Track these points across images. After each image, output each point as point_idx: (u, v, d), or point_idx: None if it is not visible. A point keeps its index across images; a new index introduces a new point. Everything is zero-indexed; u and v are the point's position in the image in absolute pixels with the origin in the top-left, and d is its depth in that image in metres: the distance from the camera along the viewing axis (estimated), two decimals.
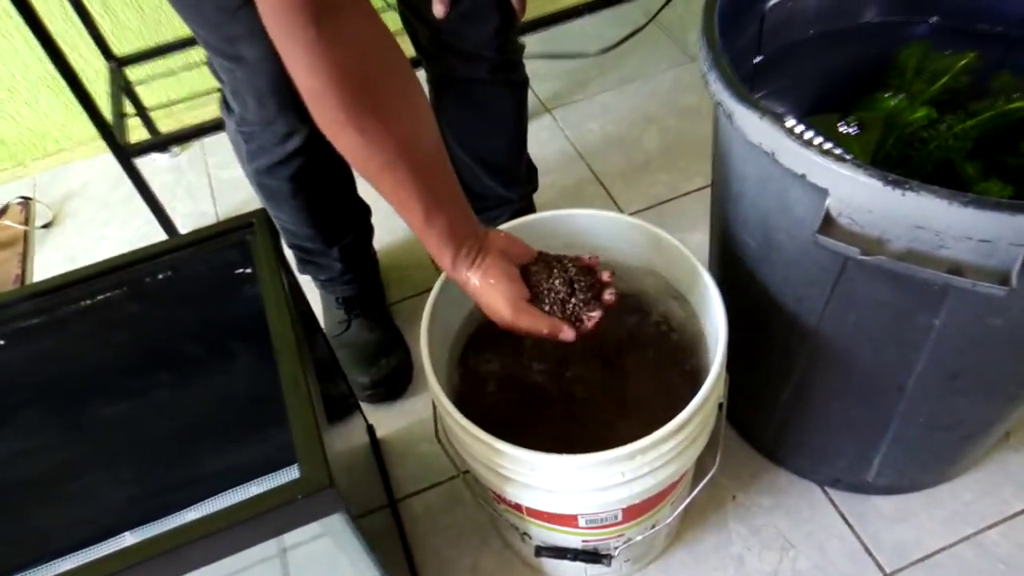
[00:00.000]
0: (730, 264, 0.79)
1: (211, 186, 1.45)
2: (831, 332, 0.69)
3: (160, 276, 0.68)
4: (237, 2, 0.71)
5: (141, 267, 0.67)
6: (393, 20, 0.94)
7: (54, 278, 0.65)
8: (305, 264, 1.04)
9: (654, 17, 1.54)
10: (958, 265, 0.53)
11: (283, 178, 0.89)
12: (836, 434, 0.83)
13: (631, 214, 1.28)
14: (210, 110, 1.51)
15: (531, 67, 1.01)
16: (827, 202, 0.56)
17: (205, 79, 1.47)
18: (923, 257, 0.54)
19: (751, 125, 0.59)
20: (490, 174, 1.05)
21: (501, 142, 1.04)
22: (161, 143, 1.20)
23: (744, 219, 0.72)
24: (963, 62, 0.80)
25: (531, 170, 1.13)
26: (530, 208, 1.15)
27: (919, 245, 0.54)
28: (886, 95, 0.80)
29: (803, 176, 0.57)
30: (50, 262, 1.38)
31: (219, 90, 0.86)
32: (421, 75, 0.98)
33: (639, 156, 1.37)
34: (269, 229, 0.67)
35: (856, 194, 0.54)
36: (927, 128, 0.78)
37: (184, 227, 1.35)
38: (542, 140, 1.41)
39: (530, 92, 1.49)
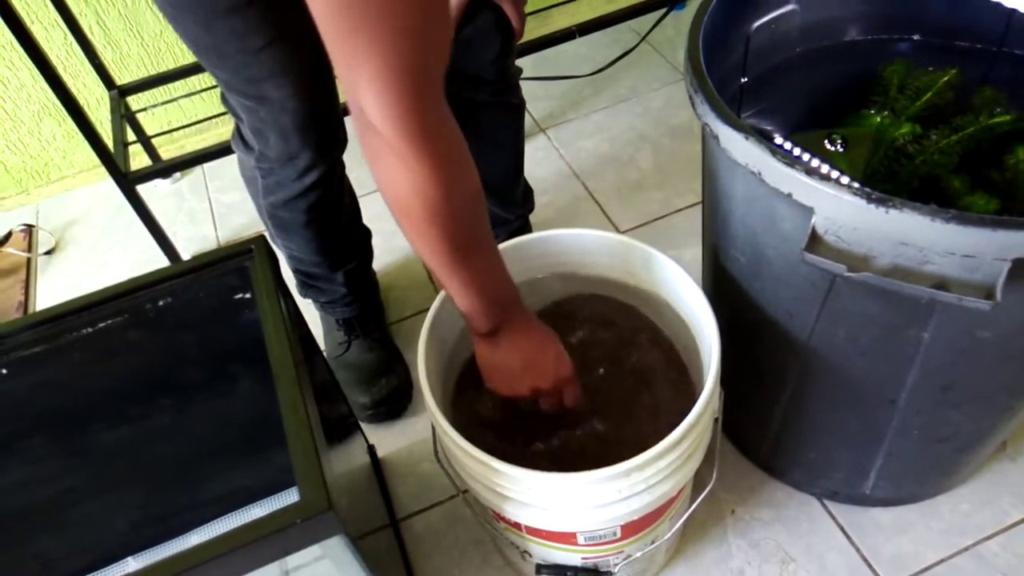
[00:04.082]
0: (722, 280, 0.80)
1: (212, 210, 1.46)
2: (822, 347, 0.70)
3: (161, 303, 0.69)
4: (260, 43, 0.72)
5: (142, 294, 0.68)
6: None
7: (56, 307, 0.66)
8: (308, 288, 1.05)
9: (644, 37, 1.56)
10: (943, 280, 0.54)
11: (298, 211, 0.89)
12: (832, 447, 0.83)
13: (626, 231, 1.30)
14: (211, 135, 1.53)
15: (525, 88, 1.03)
16: (813, 220, 0.57)
17: (206, 106, 1.50)
18: (909, 273, 0.55)
19: (737, 146, 0.61)
20: (488, 195, 1.06)
21: (500, 163, 1.05)
22: (163, 170, 1.21)
23: (734, 236, 0.73)
24: (945, 78, 0.82)
25: (527, 191, 1.15)
26: (526, 228, 1.16)
27: (904, 261, 0.55)
28: (871, 112, 0.82)
29: (789, 195, 0.58)
30: (53, 289, 1.39)
31: (227, 117, 0.87)
32: None
33: (633, 174, 1.39)
34: (268, 255, 0.68)
35: (841, 212, 0.55)
36: (912, 143, 0.79)
37: (186, 251, 1.36)
38: (537, 159, 1.43)
39: (525, 113, 1.52)
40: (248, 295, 0.71)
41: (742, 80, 0.88)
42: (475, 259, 0.63)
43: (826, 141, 0.84)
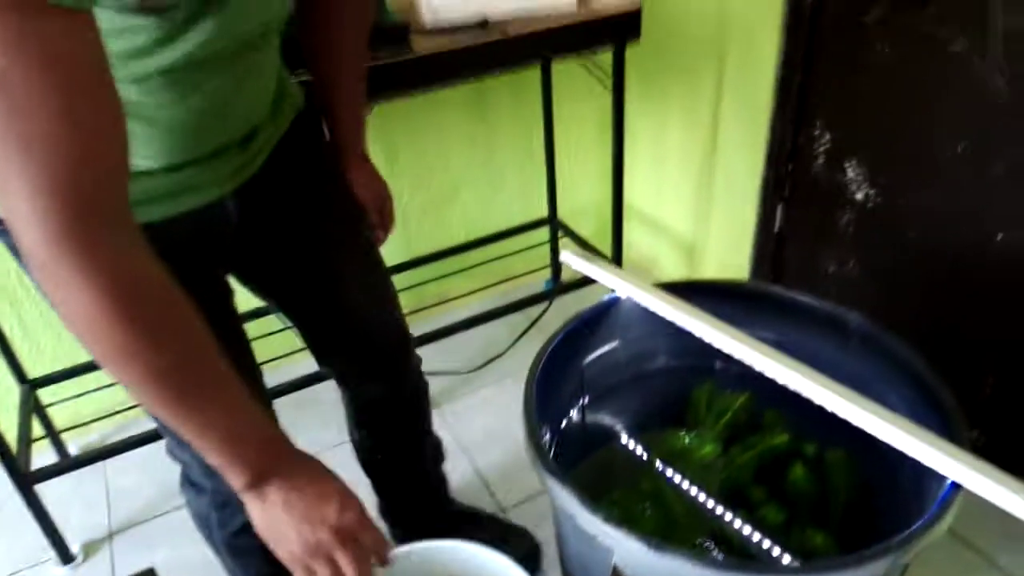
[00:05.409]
0: None
1: (108, 496, 1.49)
2: None
3: None
4: None
5: None
6: None
7: None
8: None
9: (535, 323, 1.78)
10: None
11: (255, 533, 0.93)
12: None
13: (510, 507, 1.40)
14: (113, 421, 1.58)
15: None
16: (613, 558, 0.71)
17: (114, 397, 1.55)
18: None
19: (558, 494, 0.75)
20: None
21: None
22: (66, 468, 1.26)
23: (571, 554, 0.85)
24: (740, 401, 1.02)
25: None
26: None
27: None
28: (681, 433, 1.00)
29: (595, 536, 0.72)
30: None
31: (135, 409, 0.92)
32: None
33: (517, 449, 1.52)
34: None
35: (631, 554, 0.69)
36: (717, 460, 0.97)
37: (76, 541, 1.36)
38: None
39: None
40: None
41: (584, 399, 1.06)
42: (202, 400, 0.58)
43: (646, 455, 1.01)
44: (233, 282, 0.91)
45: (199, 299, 0.82)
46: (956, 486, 0.70)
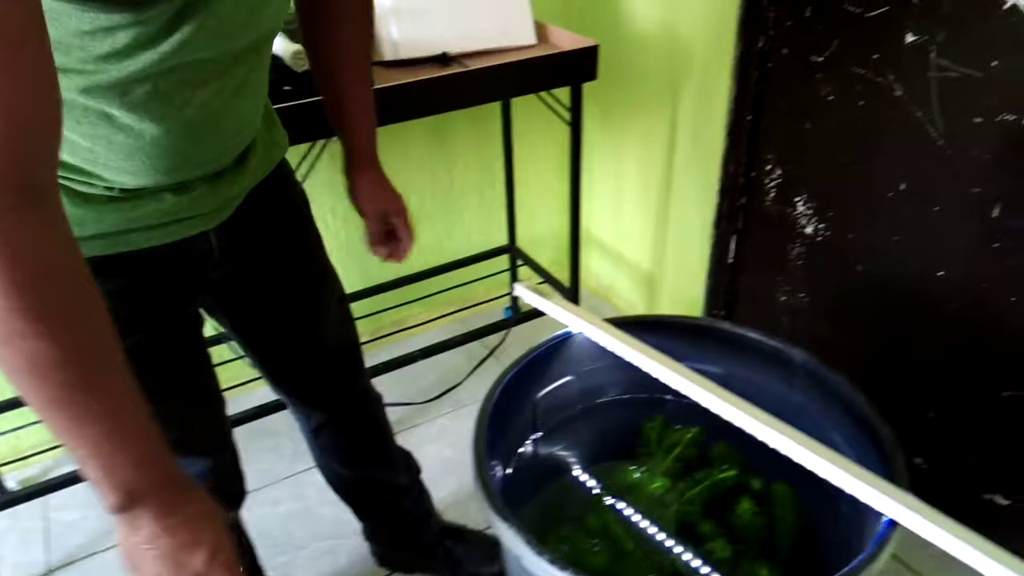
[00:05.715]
0: None
1: (47, 530, 1.44)
2: None
3: None
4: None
5: None
6: None
7: None
8: None
9: (492, 352, 1.79)
10: None
11: None
12: None
13: None
14: (55, 454, 1.53)
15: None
16: None
17: None
18: None
19: (504, 533, 0.75)
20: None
21: None
22: (5, 504, 1.22)
23: None
24: (689, 435, 1.03)
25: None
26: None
27: None
28: (632, 467, 1.00)
29: None
30: None
31: None
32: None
33: (471, 481, 1.51)
34: None
35: None
36: (667, 494, 0.98)
37: None
38: None
39: None
40: None
41: (537, 434, 1.06)
42: (82, 403, 0.52)
43: (597, 489, 1.01)
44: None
45: (177, 329, 0.84)
46: (893, 523, 0.72)
